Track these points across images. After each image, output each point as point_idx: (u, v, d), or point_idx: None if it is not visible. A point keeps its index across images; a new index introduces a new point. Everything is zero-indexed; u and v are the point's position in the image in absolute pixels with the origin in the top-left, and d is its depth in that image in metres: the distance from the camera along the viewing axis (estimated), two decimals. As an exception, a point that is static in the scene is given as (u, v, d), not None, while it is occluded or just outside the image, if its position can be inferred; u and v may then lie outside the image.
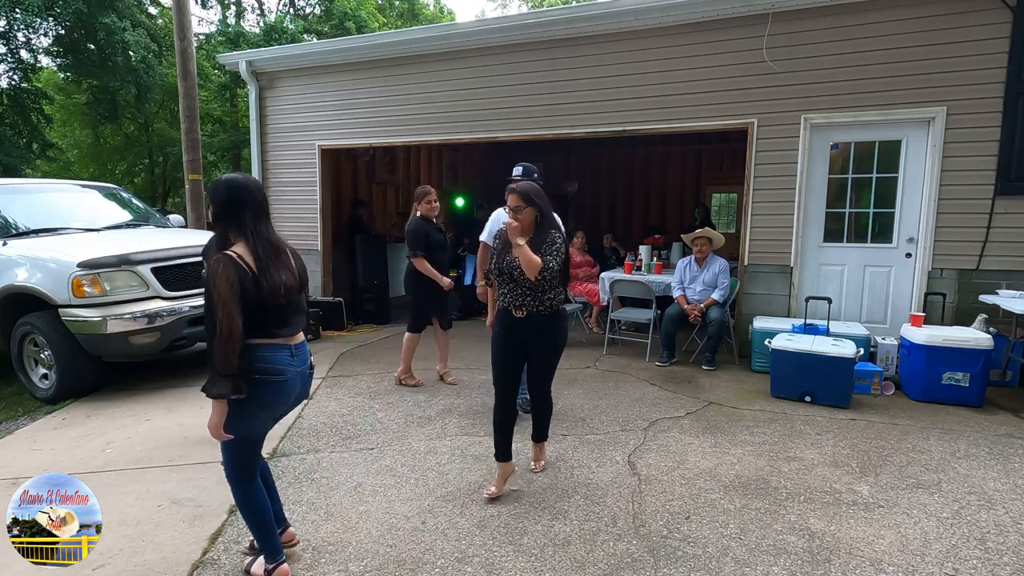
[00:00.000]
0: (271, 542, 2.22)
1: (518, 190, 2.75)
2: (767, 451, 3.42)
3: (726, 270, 5.37)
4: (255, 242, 2.05)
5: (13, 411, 4.33)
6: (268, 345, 2.10)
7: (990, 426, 3.79)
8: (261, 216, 2.10)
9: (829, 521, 2.66)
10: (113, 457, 3.42)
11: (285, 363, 2.12)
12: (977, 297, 4.61)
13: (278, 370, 2.10)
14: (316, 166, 7.27)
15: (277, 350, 2.11)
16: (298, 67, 7.27)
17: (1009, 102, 4.54)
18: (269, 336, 2.10)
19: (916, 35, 4.72)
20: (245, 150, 17.91)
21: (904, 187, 4.98)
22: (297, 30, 18.47)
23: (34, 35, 15.28)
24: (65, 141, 20.69)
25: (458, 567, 2.34)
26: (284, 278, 2.08)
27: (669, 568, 2.32)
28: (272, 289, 2.03)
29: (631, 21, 5.53)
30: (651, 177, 11.41)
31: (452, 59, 6.43)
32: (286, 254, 2.15)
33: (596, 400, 4.32)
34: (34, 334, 4.45)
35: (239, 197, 2.08)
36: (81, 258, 4.27)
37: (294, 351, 2.16)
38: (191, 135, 7.74)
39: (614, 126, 5.82)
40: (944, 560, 2.37)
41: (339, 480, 3.09)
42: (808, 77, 5.06)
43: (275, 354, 2.10)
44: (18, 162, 15.42)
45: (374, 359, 5.63)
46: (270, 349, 2.10)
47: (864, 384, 4.42)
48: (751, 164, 5.31)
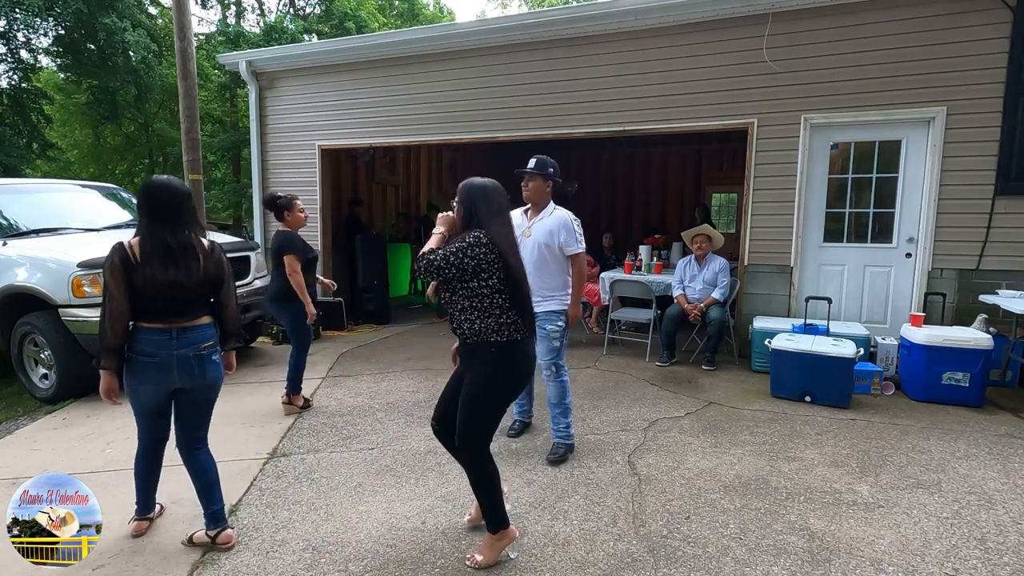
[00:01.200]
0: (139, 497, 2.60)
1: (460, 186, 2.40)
2: (767, 451, 3.42)
3: (726, 269, 5.37)
4: (145, 239, 2.29)
5: (13, 411, 4.33)
6: (146, 328, 2.32)
7: (990, 426, 3.79)
8: (161, 218, 2.30)
9: (829, 521, 2.66)
10: (113, 457, 3.42)
11: (157, 346, 2.31)
12: (977, 297, 4.61)
13: (149, 352, 2.31)
14: (316, 166, 7.27)
15: (153, 333, 2.32)
16: (298, 67, 7.27)
17: (1009, 102, 4.54)
18: (148, 320, 2.32)
19: (916, 35, 4.72)
20: (245, 150, 17.90)
21: (904, 187, 4.98)
22: (297, 30, 18.46)
23: (34, 35, 15.28)
24: (65, 141, 20.69)
25: (458, 567, 2.34)
26: (171, 275, 2.28)
27: (669, 568, 2.32)
28: (149, 282, 2.25)
29: (631, 21, 5.53)
30: (651, 177, 11.41)
31: (452, 59, 6.43)
32: (189, 255, 2.33)
33: (596, 400, 4.32)
34: (34, 334, 4.45)
35: (141, 200, 2.34)
36: (81, 258, 4.26)
37: (176, 334, 2.33)
38: (191, 135, 7.73)
39: (614, 126, 5.82)
40: (944, 560, 2.37)
41: (339, 480, 3.09)
42: (808, 77, 5.06)
43: (150, 336, 2.32)
44: (18, 162, 15.42)
45: (374, 359, 5.63)
46: (147, 332, 2.32)
47: (864, 384, 4.42)
48: (751, 164, 5.32)
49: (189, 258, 2.32)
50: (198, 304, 2.40)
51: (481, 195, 2.30)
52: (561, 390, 3.38)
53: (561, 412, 3.37)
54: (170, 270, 2.27)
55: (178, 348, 2.33)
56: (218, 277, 2.43)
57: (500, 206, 2.32)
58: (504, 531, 2.36)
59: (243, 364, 5.45)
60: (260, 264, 5.80)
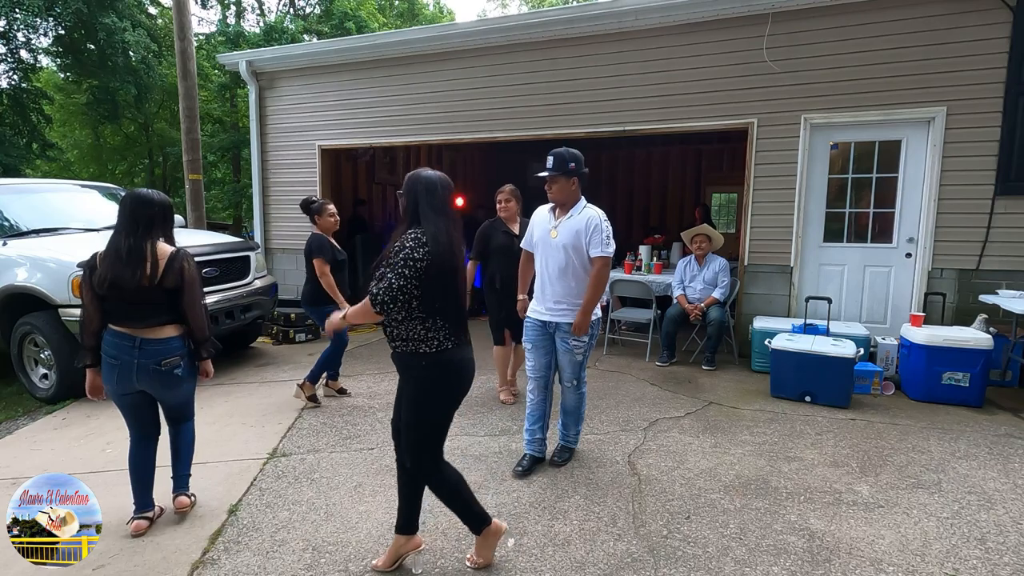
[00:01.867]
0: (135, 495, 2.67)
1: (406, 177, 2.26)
2: (767, 451, 3.42)
3: (726, 269, 5.37)
4: (108, 244, 2.51)
5: (13, 411, 4.33)
6: (112, 330, 2.50)
7: (990, 426, 3.79)
8: (123, 226, 2.50)
9: (829, 521, 2.66)
10: (113, 457, 3.42)
11: (119, 350, 2.48)
12: (977, 297, 4.61)
13: (112, 354, 2.49)
14: (316, 166, 7.27)
15: (115, 336, 2.49)
16: (298, 67, 7.27)
17: (1009, 102, 4.54)
18: (113, 322, 2.50)
19: (916, 35, 4.73)
20: (245, 150, 17.91)
21: (904, 187, 4.98)
22: (297, 30, 18.47)
23: (34, 35, 15.27)
24: (65, 141, 20.68)
25: (458, 567, 2.34)
26: (114, 274, 2.42)
27: (669, 568, 2.32)
28: (99, 280, 2.44)
29: (631, 21, 5.53)
30: (651, 177, 11.42)
31: (452, 59, 6.43)
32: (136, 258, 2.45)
33: (596, 400, 4.32)
34: (34, 334, 4.45)
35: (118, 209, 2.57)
36: (81, 258, 4.26)
37: (140, 344, 2.48)
38: (191, 135, 7.74)
39: (614, 126, 5.82)
40: (944, 560, 2.37)
41: (339, 480, 3.09)
42: (808, 77, 5.06)
43: (113, 339, 2.49)
44: (18, 162, 15.41)
45: (374, 359, 5.63)
46: (111, 335, 2.50)
47: (864, 384, 4.42)
48: (751, 164, 5.32)
49: (136, 262, 2.44)
50: (155, 310, 2.50)
51: (426, 189, 2.15)
52: (579, 400, 3.25)
53: (575, 420, 3.30)
54: (116, 269, 2.43)
55: (140, 357, 2.48)
56: (176, 285, 2.51)
57: (444, 201, 2.16)
58: (487, 528, 2.29)
59: (243, 364, 5.45)
60: (260, 264, 5.80)
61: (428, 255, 2.02)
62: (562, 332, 3.06)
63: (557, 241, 3.02)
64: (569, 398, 3.24)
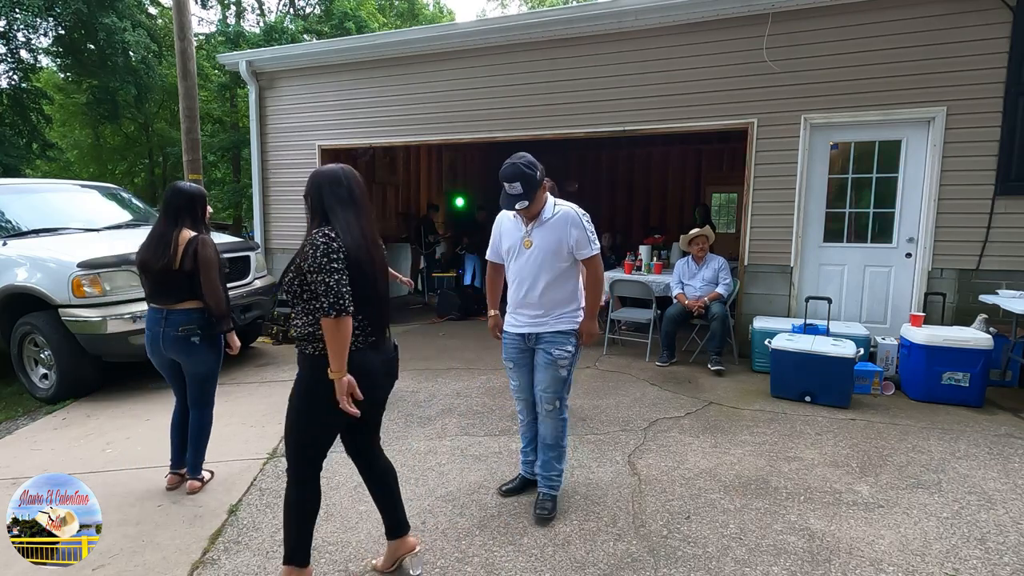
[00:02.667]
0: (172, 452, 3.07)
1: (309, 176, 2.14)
2: (767, 451, 3.42)
3: (727, 267, 5.36)
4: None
5: (13, 411, 4.33)
6: (149, 307, 2.91)
7: (990, 426, 3.79)
8: (161, 215, 2.88)
9: (829, 521, 2.66)
10: (113, 457, 3.42)
11: (152, 322, 2.86)
12: (977, 297, 4.61)
13: (149, 326, 2.89)
14: (316, 166, 7.25)
15: (151, 311, 2.88)
16: (298, 67, 7.27)
17: (1009, 102, 4.54)
18: (148, 300, 2.90)
19: (916, 35, 4.72)
20: (245, 150, 17.91)
21: (904, 187, 4.98)
22: (297, 30, 18.48)
23: (34, 35, 15.29)
24: (65, 141, 20.69)
25: (458, 567, 2.34)
26: (142, 256, 2.83)
27: (669, 568, 2.32)
28: (137, 264, 2.88)
29: (631, 21, 5.53)
30: (651, 177, 11.42)
31: (452, 59, 6.44)
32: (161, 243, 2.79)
33: (596, 400, 4.32)
34: (34, 334, 4.45)
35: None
36: (81, 258, 4.27)
37: (166, 315, 2.82)
38: (191, 135, 7.73)
39: (614, 126, 5.82)
40: (944, 560, 2.37)
41: (339, 480, 3.09)
42: (808, 77, 5.06)
43: (150, 314, 2.89)
44: (18, 162, 15.41)
45: (374, 359, 5.62)
46: (149, 311, 2.90)
47: (864, 384, 4.42)
48: (751, 164, 5.32)
49: (160, 247, 2.79)
50: (179, 288, 2.81)
51: (329, 182, 2.01)
52: (560, 429, 2.73)
53: (556, 456, 2.75)
54: (145, 254, 2.82)
55: (165, 326, 2.82)
56: (192, 268, 2.80)
57: (351, 191, 2.02)
58: (292, 568, 2.07)
59: (243, 364, 5.45)
60: (260, 264, 5.80)
61: (343, 247, 1.91)
62: (544, 343, 2.66)
63: (533, 251, 2.65)
64: (548, 427, 2.71)
